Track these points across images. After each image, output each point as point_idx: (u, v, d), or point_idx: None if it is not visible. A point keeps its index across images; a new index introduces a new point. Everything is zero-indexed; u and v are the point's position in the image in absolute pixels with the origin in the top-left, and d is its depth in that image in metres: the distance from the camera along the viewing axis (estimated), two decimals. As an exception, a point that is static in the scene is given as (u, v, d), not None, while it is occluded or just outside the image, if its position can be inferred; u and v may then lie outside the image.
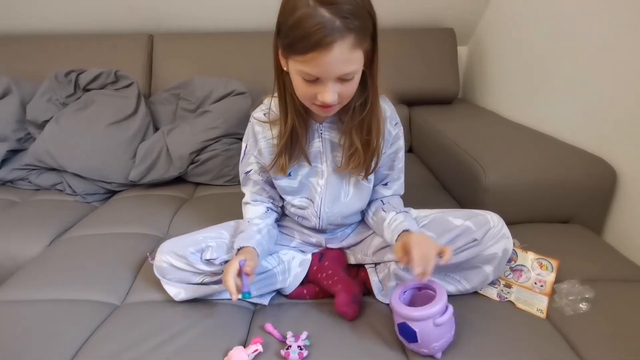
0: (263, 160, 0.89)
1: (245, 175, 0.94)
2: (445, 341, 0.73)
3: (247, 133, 0.91)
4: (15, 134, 1.49)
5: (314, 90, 0.71)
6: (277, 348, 0.76)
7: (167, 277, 0.86)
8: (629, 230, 1.13)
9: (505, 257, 0.87)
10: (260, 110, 0.88)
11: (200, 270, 0.85)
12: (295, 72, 0.71)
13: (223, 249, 0.87)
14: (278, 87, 0.79)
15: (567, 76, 1.35)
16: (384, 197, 0.95)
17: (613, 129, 1.17)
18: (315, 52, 0.65)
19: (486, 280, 0.88)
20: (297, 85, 0.73)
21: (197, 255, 0.85)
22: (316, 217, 0.92)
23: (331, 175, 0.89)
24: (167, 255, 0.86)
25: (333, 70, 0.68)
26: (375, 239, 0.96)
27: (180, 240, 0.89)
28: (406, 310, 0.72)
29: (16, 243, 1.13)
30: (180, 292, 0.86)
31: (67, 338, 0.78)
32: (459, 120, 1.67)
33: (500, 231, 0.85)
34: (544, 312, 0.84)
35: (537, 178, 1.13)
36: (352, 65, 0.69)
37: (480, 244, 0.84)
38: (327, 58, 0.65)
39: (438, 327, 0.71)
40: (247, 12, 1.83)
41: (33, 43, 1.77)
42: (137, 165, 1.40)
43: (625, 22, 1.13)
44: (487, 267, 0.86)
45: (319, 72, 0.68)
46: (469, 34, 2.00)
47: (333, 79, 0.69)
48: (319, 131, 0.87)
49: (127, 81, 1.57)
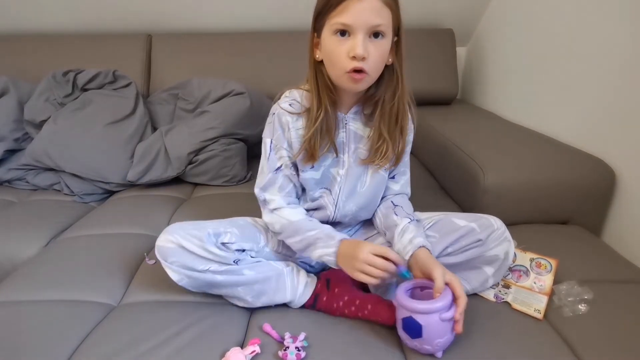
0: (293, 151, 0.87)
1: (273, 174, 0.88)
2: (448, 339, 0.73)
3: (272, 126, 0.88)
4: (12, 133, 1.49)
5: (346, 48, 0.75)
6: (274, 349, 0.75)
7: (170, 259, 0.81)
8: (628, 231, 1.12)
9: (506, 261, 0.87)
10: (285, 101, 0.87)
11: (211, 255, 0.80)
12: (330, 34, 0.76)
13: (239, 238, 0.85)
14: (311, 77, 0.83)
15: (566, 77, 1.35)
16: (394, 196, 0.96)
17: (612, 129, 1.17)
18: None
19: (486, 282, 0.88)
20: (331, 50, 0.77)
21: (213, 238, 0.81)
22: (333, 205, 0.91)
23: (352, 166, 0.89)
24: (176, 234, 0.81)
25: (365, 19, 0.73)
26: (376, 241, 0.95)
27: (192, 224, 0.84)
28: (413, 303, 0.72)
29: (13, 243, 1.12)
30: (183, 279, 0.82)
31: (63, 339, 0.77)
32: (458, 121, 1.67)
33: (503, 234, 0.85)
34: (541, 312, 0.84)
35: (536, 179, 1.13)
36: (382, 19, 0.74)
37: (484, 244, 0.84)
38: (360, 5, 0.72)
39: (443, 322, 0.71)
40: (246, 12, 1.83)
41: (31, 43, 1.77)
42: (135, 166, 1.40)
43: (624, 22, 1.13)
44: (487, 268, 0.86)
45: (352, 20, 0.73)
46: (468, 35, 2.00)
47: (364, 30, 0.74)
48: (344, 122, 0.88)
49: (126, 81, 1.56)
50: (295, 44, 1.02)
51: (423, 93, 1.79)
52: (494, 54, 1.81)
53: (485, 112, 1.78)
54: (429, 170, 1.54)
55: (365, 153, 0.89)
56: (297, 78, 0.90)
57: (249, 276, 0.83)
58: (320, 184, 0.91)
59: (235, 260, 0.83)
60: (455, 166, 1.29)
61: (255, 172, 0.94)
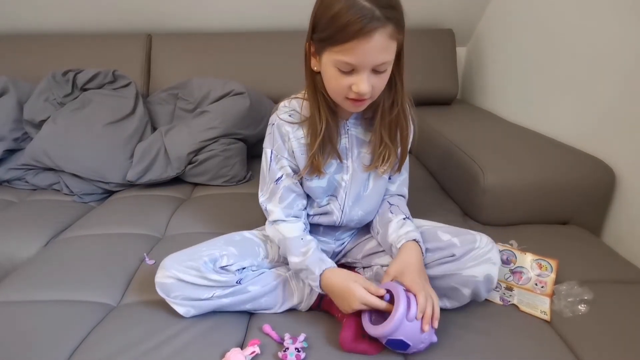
0: (296, 161, 0.86)
1: (274, 185, 0.87)
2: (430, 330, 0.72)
3: (272, 137, 0.87)
4: (12, 133, 1.48)
5: (348, 82, 0.73)
6: (274, 350, 0.75)
7: (172, 294, 0.80)
8: (628, 231, 1.12)
9: (486, 284, 0.81)
10: (284, 112, 0.87)
11: (212, 282, 0.80)
12: (331, 65, 0.73)
13: (237, 258, 0.84)
14: (309, 88, 0.82)
15: (566, 77, 1.35)
16: (391, 197, 0.95)
17: (612, 130, 1.17)
18: (355, 40, 0.68)
19: (466, 301, 0.84)
20: (331, 78, 0.75)
21: (210, 265, 0.80)
22: (339, 211, 0.91)
23: (356, 171, 0.89)
24: (173, 269, 0.79)
25: (371, 59, 0.70)
26: (368, 244, 0.96)
27: (187, 254, 0.83)
28: (380, 329, 0.72)
29: (12, 243, 1.12)
30: (190, 310, 0.81)
31: (62, 339, 0.77)
32: (457, 121, 1.67)
33: (486, 254, 0.80)
34: (547, 313, 0.84)
35: (535, 179, 1.13)
36: (388, 55, 0.72)
37: (458, 261, 0.80)
38: (367, 45, 0.68)
39: (413, 321, 0.71)
40: (246, 12, 1.83)
41: (30, 42, 1.77)
42: (134, 166, 1.39)
43: (624, 23, 1.13)
44: (465, 289, 0.81)
45: (357, 61, 0.70)
46: (468, 35, 2.00)
47: (369, 68, 0.72)
48: (345, 128, 0.88)
49: (125, 81, 1.56)
50: (295, 44, 1.01)
51: (423, 93, 1.79)
52: (493, 54, 1.81)
53: (485, 112, 1.78)
54: (429, 170, 1.54)
55: (368, 157, 0.88)
56: (297, 78, 0.90)
57: (254, 292, 0.83)
58: (327, 192, 0.90)
59: (237, 280, 0.82)
60: (455, 166, 1.29)
61: (255, 172, 0.94)
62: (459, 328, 0.80)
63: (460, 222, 1.18)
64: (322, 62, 0.76)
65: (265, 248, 0.91)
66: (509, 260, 0.94)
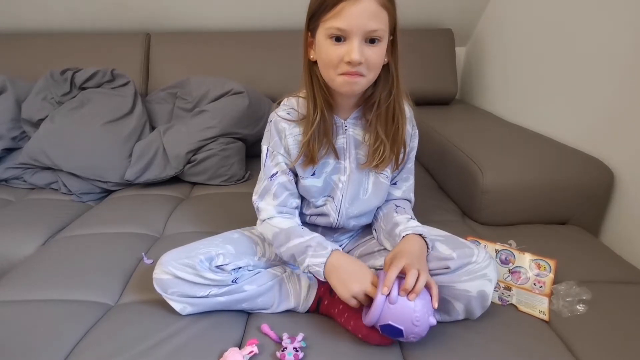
0: (291, 159, 0.86)
1: (269, 181, 0.87)
2: (422, 305, 0.71)
3: (269, 134, 0.88)
4: (10, 132, 1.48)
5: (340, 52, 0.73)
6: (273, 349, 0.75)
7: (169, 291, 0.80)
8: (626, 231, 1.13)
9: (480, 301, 0.78)
10: (283, 109, 0.87)
11: (207, 281, 0.80)
12: (324, 38, 0.74)
13: (233, 257, 0.83)
14: (306, 78, 0.82)
15: (565, 77, 1.35)
16: (396, 200, 0.95)
17: (610, 130, 1.17)
18: (344, 1, 0.70)
19: (458, 317, 0.81)
20: (325, 50, 0.75)
21: (206, 263, 0.80)
22: (335, 212, 0.91)
23: (353, 172, 0.89)
24: (170, 266, 0.79)
25: (361, 23, 0.71)
26: (366, 246, 0.96)
27: (184, 251, 0.83)
28: (367, 318, 0.72)
29: (10, 242, 1.12)
30: (186, 307, 0.81)
31: (60, 339, 0.77)
32: (457, 121, 1.67)
33: (482, 270, 0.78)
34: (546, 313, 0.84)
35: (534, 179, 1.13)
36: (378, 23, 0.73)
37: (453, 273, 0.78)
38: (355, 8, 0.70)
39: (396, 303, 0.70)
40: (245, 11, 1.83)
41: (28, 41, 1.77)
42: (133, 165, 1.39)
43: (623, 23, 1.13)
44: (457, 303, 0.79)
45: (348, 24, 0.71)
46: (467, 35, 2.00)
47: (360, 35, 0.72)
48: (344, 127, 0.87)
49: (124, 80, 1.56)
50: (294, 43, 1.01)
51: (422, 93, 1.80)
52: (493, 54, 1.81)
53: (484, 113, 1.78)
54: (428, 170, 1.54)
55: (364, 158, 0.88)
56: (296, 78, 0.89)
57: (250, 291, 0.83)
58: (323, 192, 0.90)
59: (233, 279, 0.82)
60: (454, 166, 1.29)
61: (254, 171, 0.94)
62: (458, 328, 0.80)
63: (459, 222, 1.18)
64: (317, 43, 0.77)
65: (262, 246, 0.91)
66: (508, 260, 0.94)
